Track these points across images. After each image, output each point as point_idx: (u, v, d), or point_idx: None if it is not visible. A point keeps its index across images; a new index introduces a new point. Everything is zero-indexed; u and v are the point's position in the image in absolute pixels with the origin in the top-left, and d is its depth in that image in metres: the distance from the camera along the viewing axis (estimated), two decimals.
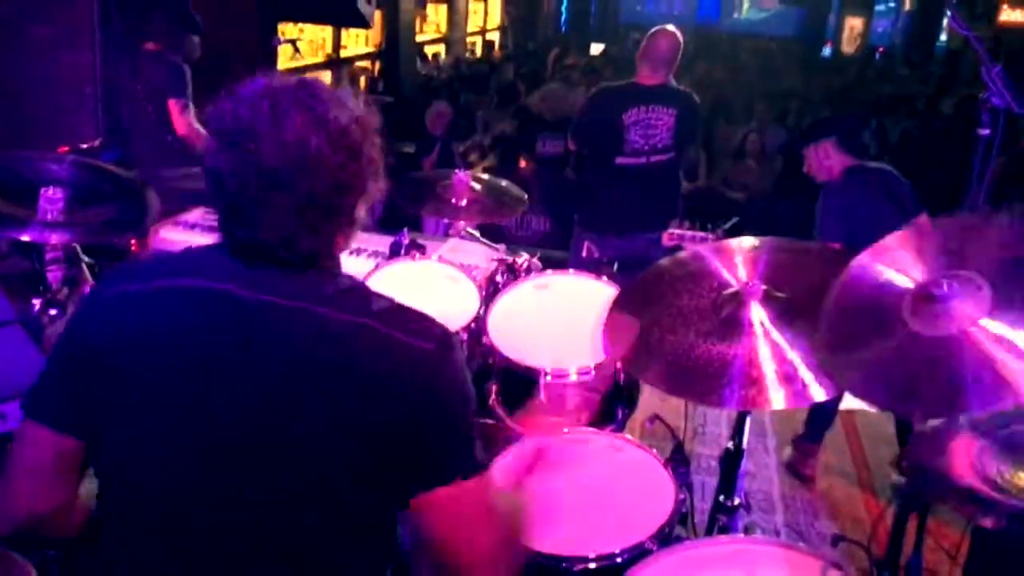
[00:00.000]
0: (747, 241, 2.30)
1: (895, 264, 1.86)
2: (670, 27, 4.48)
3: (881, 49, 16.74)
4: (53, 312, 2.61)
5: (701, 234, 3.09)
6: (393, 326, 1.31)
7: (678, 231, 3.15)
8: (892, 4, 17.51)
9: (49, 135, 5.37)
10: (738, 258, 2.25)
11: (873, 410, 4.35)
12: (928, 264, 1.81)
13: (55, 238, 2.49)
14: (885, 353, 1.75)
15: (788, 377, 1.90)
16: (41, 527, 1.37)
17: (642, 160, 4.50)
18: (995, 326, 1.64)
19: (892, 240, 1.91)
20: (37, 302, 2.63)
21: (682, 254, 2.34)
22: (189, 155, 4.43)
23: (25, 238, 2.45)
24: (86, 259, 2.78)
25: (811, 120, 8.68)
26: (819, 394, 1.90)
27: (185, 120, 4.50)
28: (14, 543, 1.41)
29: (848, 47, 17.07)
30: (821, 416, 3.94)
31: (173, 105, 4.49)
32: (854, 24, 17.54)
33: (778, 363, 1.94)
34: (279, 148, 1.24)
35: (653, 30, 4.48)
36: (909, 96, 10.02)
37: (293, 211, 1.27)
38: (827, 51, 16.20)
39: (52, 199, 2.47)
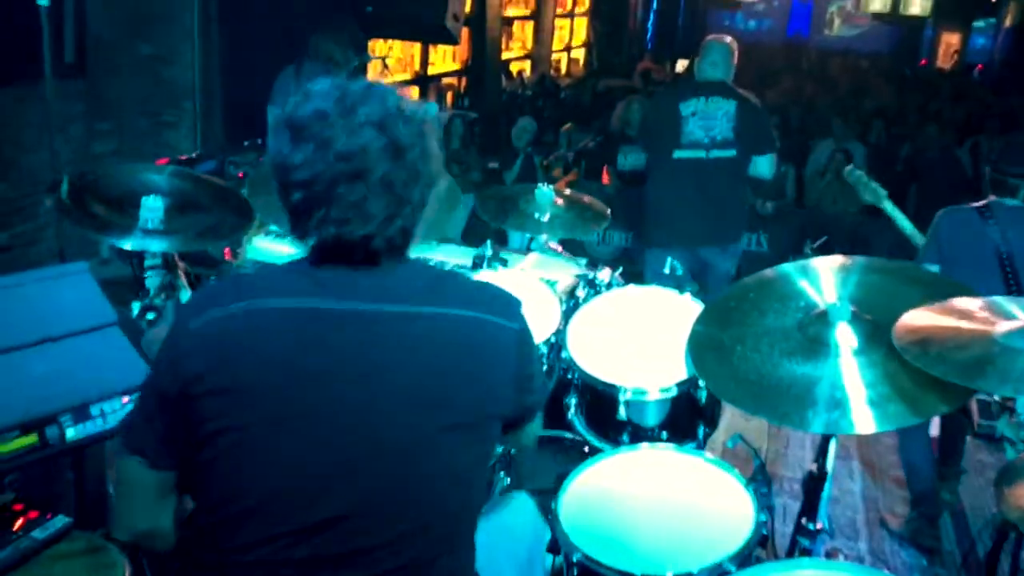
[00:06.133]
0: (836, 260, 2.26)
1: None
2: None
3: (980, 66, 16.21)
4: (151, 316, 2.72)
5: None
6: (488, 311, 1.43)
7: None
8: (992, 20, 16.94)
9: (150, 147, 5.63)
10: (826, 278, 2.20)
11: (969, 439, 4.20)
12: None
13: (155, 246, 2.59)
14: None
15: (875, 401, 1.86)
16: (151, 539, 1.45)
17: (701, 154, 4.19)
18: None
19: None
20: (136, 306, 2.74)
21: (767, 272, 2.31)
22: None
23: (127, 246, 2.56)
24: (182, 265, 2.89)
25: (896, 137, 8.39)
26: (904, 420, 1.85)
27: None
28: (130, 546, 1.51)
29: (943, 64, 16.58)
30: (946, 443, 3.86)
31: None
32: (950, 41, 17.03)
33: (865, 386, 1.89)
34: (350, 135, 1.27)
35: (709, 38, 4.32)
36: (1008, 112, 9.63)
37: (366, 200, 1.29)
38: (918, 68, 15.74)
39: (152, 208, 2.58)
